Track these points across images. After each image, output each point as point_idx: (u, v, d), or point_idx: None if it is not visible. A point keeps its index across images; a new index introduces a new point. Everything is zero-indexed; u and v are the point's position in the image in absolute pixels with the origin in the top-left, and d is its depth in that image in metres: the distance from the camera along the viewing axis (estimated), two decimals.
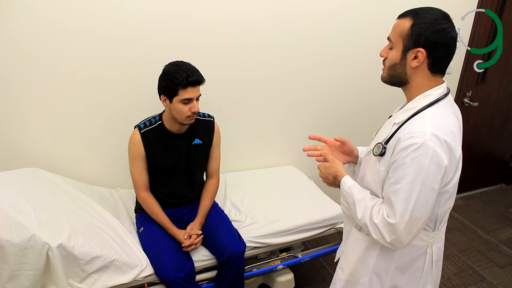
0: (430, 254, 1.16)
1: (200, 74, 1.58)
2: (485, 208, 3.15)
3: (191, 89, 1.55)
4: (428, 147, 0.96)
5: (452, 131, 1.01)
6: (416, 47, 1.01)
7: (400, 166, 0.99)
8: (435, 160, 0.96)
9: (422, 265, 1.16)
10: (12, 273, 1.32)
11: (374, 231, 1.06)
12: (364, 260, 1.20)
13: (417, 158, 0.96)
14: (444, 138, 0.97)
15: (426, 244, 1.15)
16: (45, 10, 1.63)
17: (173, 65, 1.57)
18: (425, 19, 1.01)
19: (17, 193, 1.48)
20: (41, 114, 1.81)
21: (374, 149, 1.11)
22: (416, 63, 1.03)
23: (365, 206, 1.09)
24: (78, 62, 1.77)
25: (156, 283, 1.62)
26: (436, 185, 0.99)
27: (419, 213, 1.00)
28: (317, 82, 2.35)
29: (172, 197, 1.79)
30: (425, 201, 0.99)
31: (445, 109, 1.05)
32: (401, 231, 1.00)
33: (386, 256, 1.17)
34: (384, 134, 1.11)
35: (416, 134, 0.98)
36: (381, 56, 1.11)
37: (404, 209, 0.99)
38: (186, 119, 1.61)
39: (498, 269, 2.44)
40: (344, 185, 1.17)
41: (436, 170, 0.97)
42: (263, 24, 2.05)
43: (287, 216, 1.89)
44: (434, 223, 1.12)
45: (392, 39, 1.07)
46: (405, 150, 0.98)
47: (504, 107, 3.11)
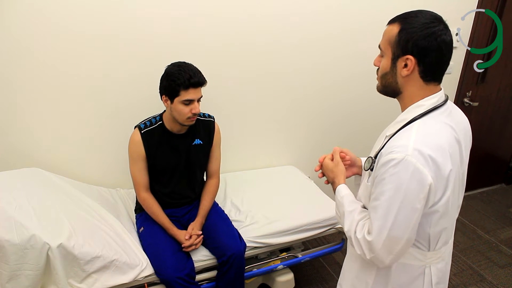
0: (429, 275, 1.08)
1: (202, 75, 1.58)
2: (485, 208, 3.15)
3: (192, 91, 1.55)
4: (409, 162, 0.89)
5: (440, 146, 0.92)
6: (405, 55, 0.95)
7: (380, 182, 0.94)
8: (416, 177, 0.89)
9: (420, 286, 1.09)
10: (12, 273, 1.33)
11: (357, 245, 1.02)
12: (363, 278, 1.15)
13: (396, 174, 0.90)
14: (428, 154, 0.90)
15: (423, 265, 1.07)
16: (46, 10, 1.63)
17: (176, 66, 1.57)
18: (412, 23, 0.94)
19: (17, 193, 1.48)
20: (42, 114, 1.81)
21: (365, 164, 1.07)
22: (406, 71, 0.96)
23: (352, 219, 1.05)
24: (79, 62, 1.77)
25: (156, 283, 1.62)
26: (418, 205, 0.91)
27: (397, 232, 0.93)
28: (317, 82, 2.35)
29: (172, 197, 1.79)
30: (406, 220, 0.92)
31: (438, 120, 0.97)
32: (379, 249, 0.95)
33: (383, 275, 1.11)
34: (376, 148, 1.06)
35: (397, 149, 0.91)
36: (374, 66, 1.05)
37: (381, 227, 0.94)
38: (186, 120, 1.61)
39: (498, 269, 2.44)
40: (338, 194, 1.13)
41: (417, 188, 0.90)
42: (263, 24, 2.05)
43: (287, 216, 1.89)
44: (428, 242, 1.04)
45: (382, 47, 1.01)
46: (384, 166, 0.92)
47: (504, 107, 3.11)
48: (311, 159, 2.50)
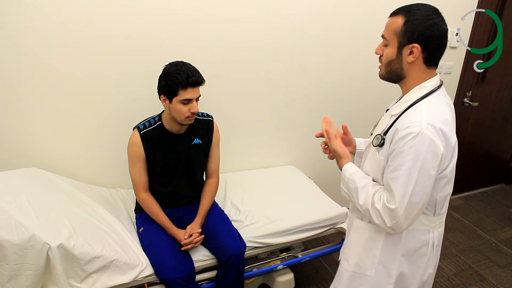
0: (432, 239, 1.20)
1: (200, 74, 1.58)
2: (485, 208, 3.15)
3: (191, 90, 1.55)
4: (425, 135, 1.01)
5: (446, 120, 1.06)
6: (411, 43, 1.07)
7: (398, 154, 1.04)
8: (431, 148, 1.01)
9: (425, 250, 1.20)
10: (12, 273, 1.32)
11: (376, 216, 1.10)
12: (369, 250, 1.23)
13: (415, 146, 1.01)
14: (440, 127, 1.02)
15: (428, 229, 1.19)
16: (46, 10, 1.63)
17: (174, 65, 1.57)
18: (416, 15, 1.05)
19: (17, 193, 1.48)
20: (41, 114, 1.81)
21: (374, 140, 1.16)
22: (412, 58, 1.08)
23: (367, 192, 1.14)
24: (79, 62, 1.77)
25: (156, 283, 1.61)
26: (433, 172, 1.04)
27: (417, 198, 1.05)
28: (317, 81, 2.35)
29: (172, 197, 1.79)
30: (423, 186, 1.04)
31: (439, 99, 1.11)
32: (401, 215, 1.05)
33: (392, 244, 1.20)
34: (383, 126, 1.16)
35: (413, 124, 1.03)
36: (376, 54, 1.16)
37: (403, 194, 1.04)
38: (185, 120, 1.61)
39: (498, 269, 2.44)
40: (346, 172, 1.21)
41: (432, 157, 1.02)
42: (263, 23, 2.05)
43: (287, 216, 1.89)
44: (434, 207, 1.16)
45: (386, 37, 1.12)
46: (403, 139, 1.03)
47: (504, 107, 3.11)
48: (311, 159, 2.50)
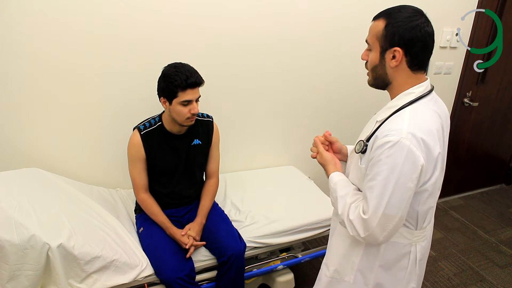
0: (414, 253, 1.16)
1: (199, 75, 1.58)
2: (485, 208, 3.15)
3: (190, 91, 1.55)
4: (403, 145, 0.96)
5: (430, 130, 1.00)
6: (392, 47, 1.03)
7: (376, 163, 1.00)
8: (410, 158, 0.96)
9: (406, 264, 1.16)
10: (12, 273, 1.32)
11: (350, 227, 1.07)
12: (349, 257, 1.21)
13: (392, 155, 0.97)
14: (421, 137, 0.97)
15: (410, 243, 1.14)
16: (46, 9, 1.63)
17: (172, 67, 1.57)
18: (397, 18, 1.02)
19: (17, 193, 1.48)
20: (42, 114, 1.81)
21: (356, 146, 1.13)
22: (395, 62, 1.04)
23: (345, 202, 1.10)
24: (79, 62, 1.77)
25: (156, 283, 1.62)
26: (411, 184, 0.99)
27: (392, 210, 1.00)
28: (316, 81, 2.35)
29: (172, 197, 1.79)
30: (400, 199, 0.99)
31: (427, 107, 1.05)
32: (374, 227, 1.01)
33: (371, 254, 1.17)
34: (367, 132, 1.13)
35: (392, 132, 0.98)
36: (362, 59, 1.13)
37: (377, 205, 1.00)
38: (185, 121, 1.61)
39: (498, 269, 2.44)
40: (331, 181, 1.18)
41: (411, 169, 0.97)
42: (262, 23, 2.05)
43: (287, 216, 1.89)
44: (416, 221, 1.12)
45: (369, 42, 1.09)
46: (381, 148, 0.99)
47: (504, 107, 3.11)
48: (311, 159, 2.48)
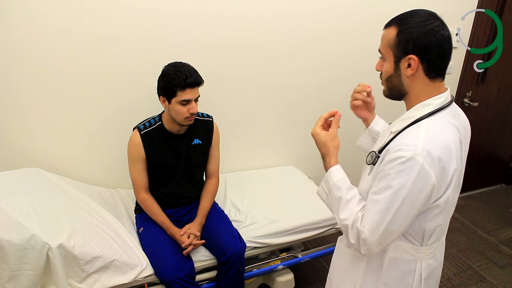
0: (419, 270, 1.09)
1: (199, 75, 1.58)
2: (485, 208, 3.15)
3: (189, 91, 1.55)
4: (417, 162, 0.90)
5: (447, 146, 0.94)
6: (407, 55, 0.96)
7: (384, 177, 0.95)
8: (421, 176, 0.91)
9: (411, 281, 1.10)
10: (12, 273, 1.32)
11: (354, 235, 1.00)
12: (351, 275, 1.16)
13: (403, 171, 0.91)
14: (437, 155, 0.91)
15: (414, 259, 1.08)
16: (45, 9, 1.63)
17: (172, 66, 1.57)
18: (410, 23, 0.95)
19: (17, 193, 1.48)
20: (42, 114, 1.81)
21: (368, 158, 1.06)
22: (411, 71, 0.97)
23: (352, 209, 1.03)
24: (79, 62, 1.77)
25: (156, 283, 1.61)
26: (419, 203, 0.94)
27: (394, 227, 0.95)
28: (317, 81, 2.35)
29: (172, 197, 1.79)
30: (404, 216, 0.95)
31: (445, 120, 0.98)
32: (373, 242, 0.97)
33: (373, 271, 1.11)
34: (380, 143, 1.06)
35: (406, 148, 0.92)
36: (377, 70, 1.06)
37: (380, 221, 0.95)
38: (184, 120, 1.61)
39: (498, 269, 2.44)
40: (333, 176, 1.08)
41: (421, 187, 0.92)
42: (262, 23, 2.05)
43: (287, 216, 1.89)
44: (422, 237, 1.05)
45: (382, 51, 1.02)
46: (392, 162, 0.93)
47: (504, 107, 3.11)
48: (311, 159, 2.50)
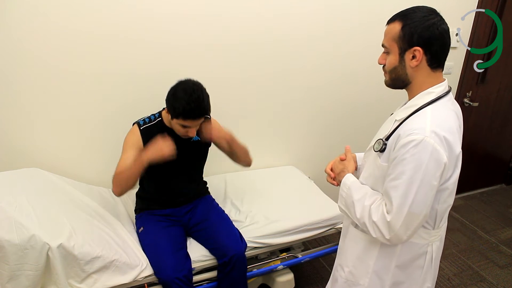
0: (430, 253, 1.17)
1: (206, 105, 1.55)
2: (485, 208, 3.15)
3: (190, 121, 1.56)
4: (428, 143, 0.97)
5: (451, 128, 1.02)
6: (412, 47, 1.03)
7: (400, 162, 1.01)
8: (434, 156, 0.98)
9: (422, 263, 1.17)
10: (12, 273, 1.33)
11: (373, 229, 1.07)
12: (363, 259, 1.21)
13: (417, 154, 0.98)
14: (443, 135, 0.99)
15: (427, 243, 1.15)
16: (45, 9, 1.63)
17: (181, 91, 1.52)
18: (413, 18, 1.03)
19: (17, 193, 1.48)
20: (42, 114, 1.81)
21: (375, 145, 1.13)
22: (415, 62, 1.05)
23: (363, 205, 1.10)
24: (79, 63, 1.77)
25: (156, 283, 1.61)
26: (435, 182, 1.00)
27: (418, 209, 1.01)
28: (317, 81, 2.35)
29: (170, 195, 1.79)
30: (424, 197, 1.01)
31: (446, 107, 1.07)
32: (399, 226, 1.02)
33: (386, 255, 1.17)
34: (385, 131, 1.13)
35: (416, 131, 0.99)
36: (379, 64, 1.14)
37: (402, 204, 1.01)
38: (182, 135, 1.63)
39: (498, 269, 2.44)
40: (344, 186, 1.18)
41: (435, 167, 0.99)
42: (262, 23, 2.05)
43: (287, 216, 1.89)
44: (434, 220, 1.13)
45: (386, 45, 1.09)
46: (405, 147, 1.00)
47: (504, 107, 3.11)
48: (311, 159, 2.51)
